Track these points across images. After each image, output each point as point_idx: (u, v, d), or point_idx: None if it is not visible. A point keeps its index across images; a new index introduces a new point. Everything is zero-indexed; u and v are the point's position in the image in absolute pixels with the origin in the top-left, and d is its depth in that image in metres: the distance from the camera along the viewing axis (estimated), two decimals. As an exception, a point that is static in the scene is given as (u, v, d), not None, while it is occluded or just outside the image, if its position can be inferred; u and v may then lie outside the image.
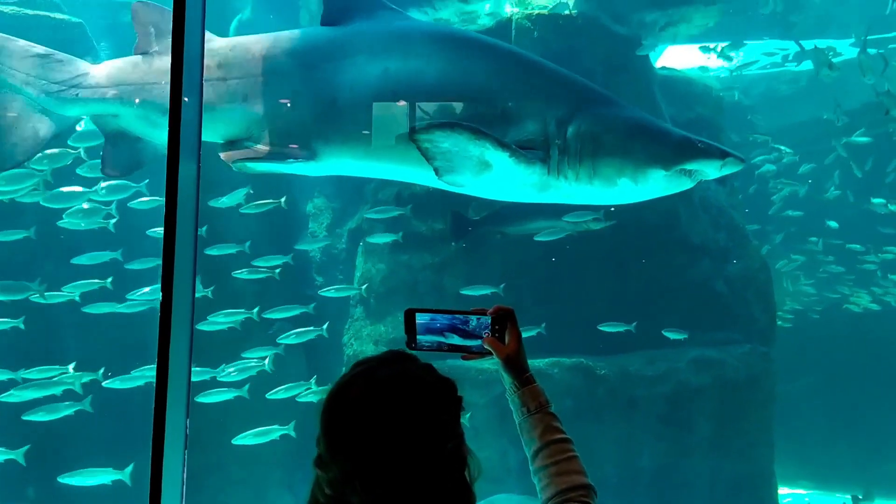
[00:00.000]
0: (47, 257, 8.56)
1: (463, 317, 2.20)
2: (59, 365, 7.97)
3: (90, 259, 8.20)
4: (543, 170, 5.81)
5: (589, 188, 5.90)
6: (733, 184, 10.64)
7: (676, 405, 9.09)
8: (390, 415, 1.66)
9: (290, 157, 6.33)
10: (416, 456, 1.65)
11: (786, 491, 10.93)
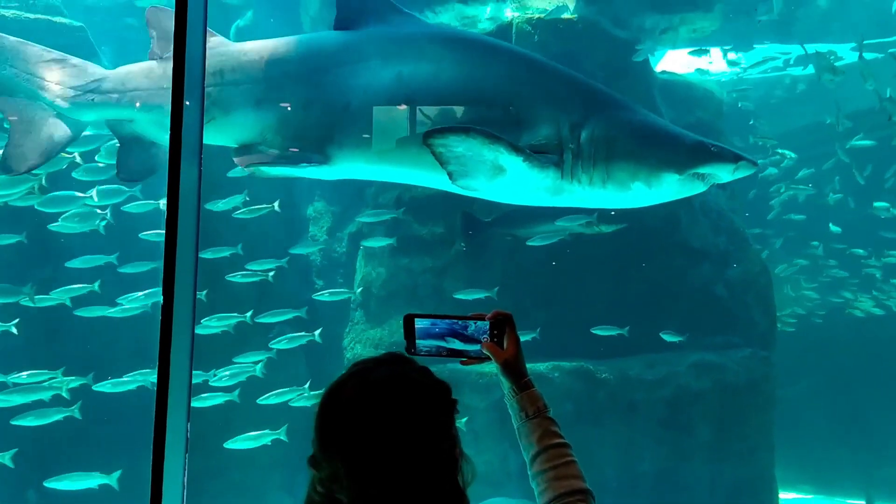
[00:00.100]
0: (47, 261, 8.55)
1: (462, 322, 2.21)
2: (60, 368, 7.96)
3: (84, 262, 8.17)
4: (557, 174, 5.80)
5: (602, 192, 5.89)
6: (733, 188, 10.63)
7: (677, 409, 9.10)
8: (382, 415, 1.67)
9: (304, 162, 6.34)
10: (407, 457, 1.66)
11: (787, 495, 10.91)
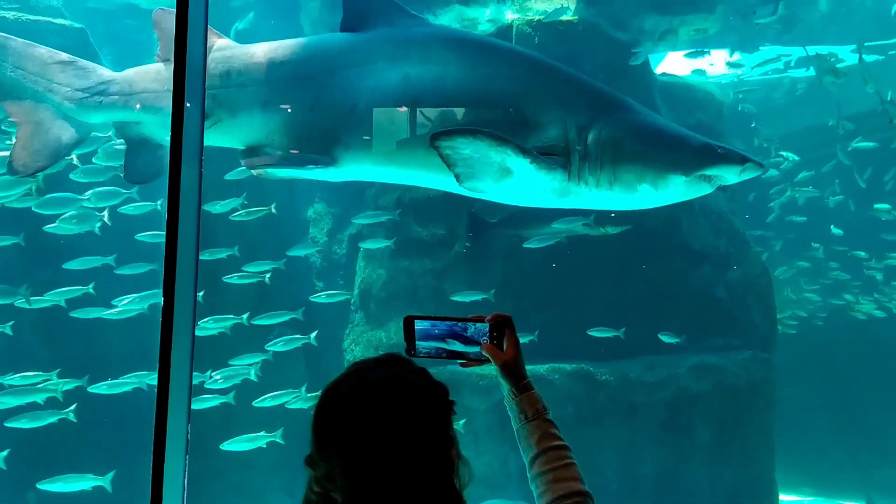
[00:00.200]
0: (47, 263, 8.55)
1: (462, 324, 2.21)
2: (56, 370, 7.96)
3: (82, 264, 8.17)
4: (564, 175, 5.80)
5: (609, 194, 5.89)
6: (734, 190, 10.64)
7: (677, 411, 9.09)
8: (378, 415, 1.67)
9: (311, 163, 6.33)
10: (402, 457, 1.66)
11: (787, 497, 10.91)
